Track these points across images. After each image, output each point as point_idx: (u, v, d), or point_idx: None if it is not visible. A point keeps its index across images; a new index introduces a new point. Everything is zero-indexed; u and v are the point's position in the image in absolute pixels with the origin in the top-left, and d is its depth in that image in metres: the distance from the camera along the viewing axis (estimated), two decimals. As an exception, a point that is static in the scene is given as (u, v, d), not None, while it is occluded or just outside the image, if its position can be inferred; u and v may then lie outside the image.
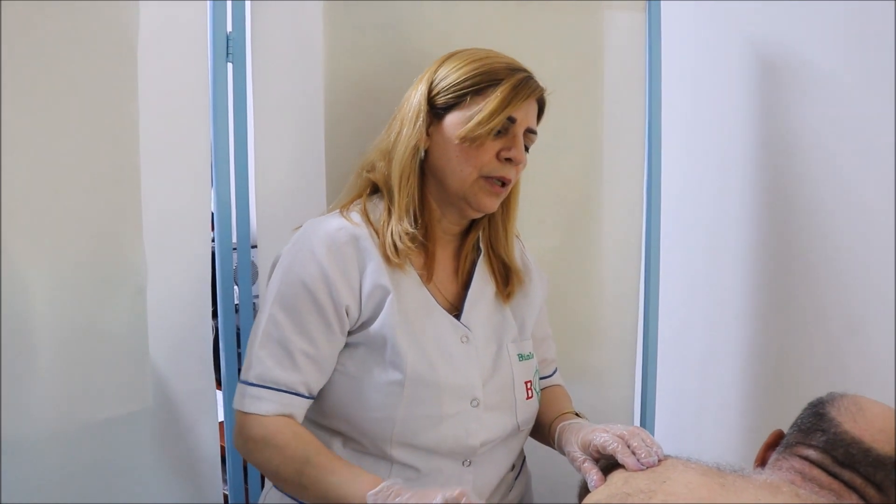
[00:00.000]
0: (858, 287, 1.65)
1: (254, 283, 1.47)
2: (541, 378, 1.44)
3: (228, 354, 1.45)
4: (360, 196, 1.31)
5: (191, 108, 1.39)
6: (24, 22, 1.20)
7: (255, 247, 1.48)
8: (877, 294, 1.61)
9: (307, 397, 1.21)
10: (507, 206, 1.35)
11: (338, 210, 1.29)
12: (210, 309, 1.45)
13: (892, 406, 1.11)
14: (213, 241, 1.45)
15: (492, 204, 1.27)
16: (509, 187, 1.28)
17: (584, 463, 1.20)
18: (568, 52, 1.63)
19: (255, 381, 1.20)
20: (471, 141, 1.22)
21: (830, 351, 1.70)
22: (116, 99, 1.30)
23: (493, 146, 1.24)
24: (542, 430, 1.37)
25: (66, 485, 1.29)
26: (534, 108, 1.28)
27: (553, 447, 1.33)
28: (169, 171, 1.37)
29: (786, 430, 1.17)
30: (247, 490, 1.52)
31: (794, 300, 1.76)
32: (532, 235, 1.45)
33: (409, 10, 1.49)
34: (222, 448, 1.49)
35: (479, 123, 1.22)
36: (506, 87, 1.23)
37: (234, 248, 1.46)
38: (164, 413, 1.40)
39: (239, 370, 1.44)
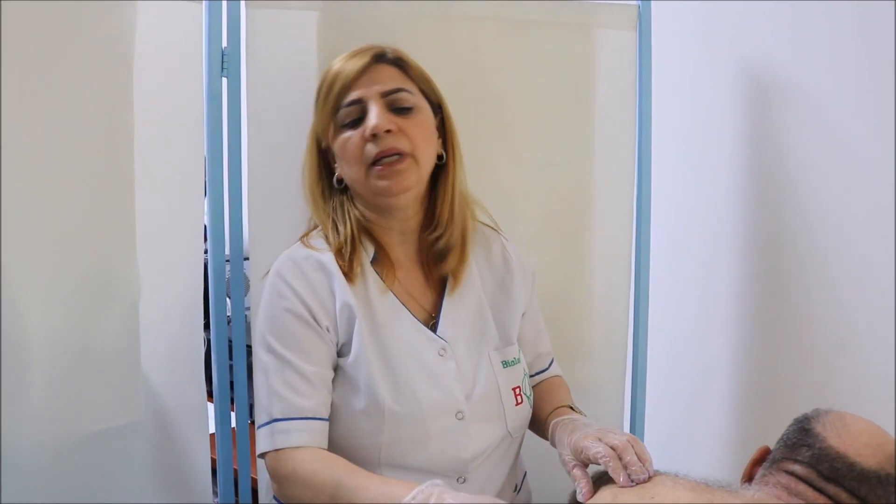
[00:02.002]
0: (848, 304, 1.66)
1: (245, 294, 1.48)
2: (538, 372, 1.42)
3: (220, 367, 1.45)
4: (317, 226, 1.31)
5: (185, 122, 1.40)
6: (20, 36, 1.21)
7: (247, 259, 1.48)
8: (866, 311, 1.62)
9: (326, 419, 1.20)
10: (449, 166, 1.29)
11: (300, 242, 1.29)
12: (202, 321, 1.46)
13: (877, 422, 1.12)
14: (205, 253, 1.46)
15: (396, 185, 1.21)
16: (407, 158, 1.21)
17: (573, 469, 1.18)
18: (560, 70, 1.64)
19: (280, 416, 1.17)
20: (340, 146, 1.23)
21: (819, 367, 1.70)
22: (111, 113, 1.31)
23: (357, 134, 1.21)
24: (538, 424, 1.35)
25: (58, 497, 1.29)
26: (380, 72, 1.23)
27: (549, 441, 1.31)
28: (163, 184, 1.38)
29: (772, 445, 1.18)
30: (237, 502, 1.52)
31: (783, 316, 1.77)
32: (523, 251, 1.46)
33: (404, 28, 1.50)
34: (213, 460, 1.49)
35: (322, 130, 1.25)
36: (324, 89, 1.24)
37: (227, 261, 1.46)
38: (155, 425, 1.40)
39: (231, 383, 1.45)
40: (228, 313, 1.46)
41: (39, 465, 1.28)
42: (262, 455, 1.19)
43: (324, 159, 1.30)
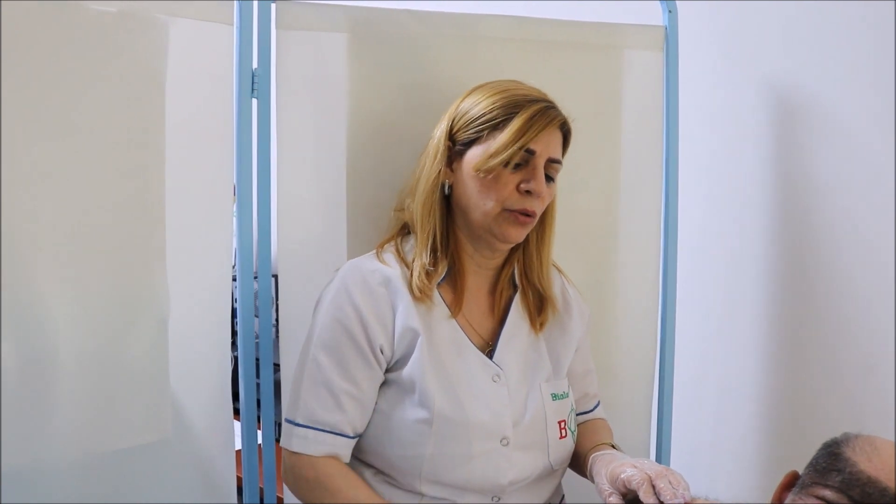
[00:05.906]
0: (877, 324, 1.64)
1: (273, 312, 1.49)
2: (583, 413, 1.43)
3: (247, 385, 1.46)
4: (394, 237, 1.34)
5: (216, 142, 1.42)
6: (53, 57, 1.23)
7: (275, 276, 1.49)
8: (893, 334, 1.61)
9: (352, 437, 1.24)
10: (541, 233, 1.35)
11: (374, 252, 1.31)
12: (230, 339, 1.47)
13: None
14: (234, 270, 1.47)
15: (517, 234, 1.27)
16: (535, 218, 1.28)
17: (609, 497, 1.19)
18: (587, 91, 1.64)
19: (301, 422, 1.23)
20: (486, 172, 1.23)
21: (846, 391, 1.69)
22: (143, 132, 1.33)
23: (513, 179, 1.24)
24: (578, 461, 1.36)
25: (84, 513, 1.30)
26: (556, 137, 1.28)
27: (587, 478, 1.32)
28: (193, 203, 1.39)
29: (801, 470, 1.17)
30: (262, 520, 1.52)
31: (810, 340, 1.76)
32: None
33: (431, 49, 1.52)
34: (239, 479, 1.49)
35: (493, 155, 1.22)
36: (521, 118, 1.23)
37: (255, 278, 1.47)
38: (182, 443, 1.41)
39: (258, 401, 1.46)
40: (256, 331, 1.47)
41: (66, 482, 1.29)
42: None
43: (447, 159, 1.29)
